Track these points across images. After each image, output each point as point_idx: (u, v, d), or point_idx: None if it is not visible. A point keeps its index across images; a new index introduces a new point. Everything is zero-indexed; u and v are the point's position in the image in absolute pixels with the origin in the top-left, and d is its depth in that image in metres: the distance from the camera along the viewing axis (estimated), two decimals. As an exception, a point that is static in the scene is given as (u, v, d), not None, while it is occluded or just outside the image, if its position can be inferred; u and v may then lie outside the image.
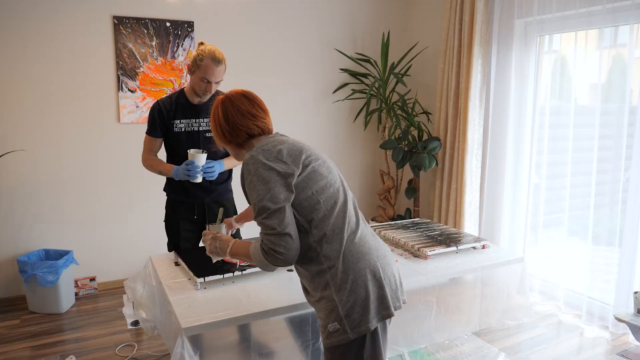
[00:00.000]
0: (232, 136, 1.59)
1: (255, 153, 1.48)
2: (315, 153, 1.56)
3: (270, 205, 1.41)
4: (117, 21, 3.52)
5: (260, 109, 1.61)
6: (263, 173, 1.44)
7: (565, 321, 3.25)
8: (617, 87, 3.05)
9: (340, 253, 1.47)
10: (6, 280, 3.49)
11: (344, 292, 1.45)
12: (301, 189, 1.47)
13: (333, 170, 1.58)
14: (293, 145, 1.53)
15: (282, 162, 1.46)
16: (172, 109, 2.39)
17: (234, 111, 1.57)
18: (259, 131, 1.59)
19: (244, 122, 1.57)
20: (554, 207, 3.54)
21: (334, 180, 1.55)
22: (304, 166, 1.49)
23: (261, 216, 1.43)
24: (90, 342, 2.95)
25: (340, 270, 1.46)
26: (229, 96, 1.61)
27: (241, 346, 1.98)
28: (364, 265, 1.48)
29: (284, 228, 1.41)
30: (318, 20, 4.25)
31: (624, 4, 2.90)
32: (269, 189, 1.42)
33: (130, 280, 2.24)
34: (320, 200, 1.48)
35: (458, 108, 3.86)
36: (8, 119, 3.35)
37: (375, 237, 1.59)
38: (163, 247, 3.87)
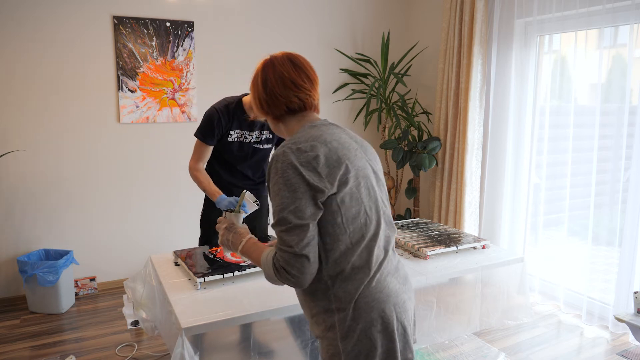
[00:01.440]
0: (269, 107, 1.37)
1: (289, 150, 1.25)
2: (358, 163, 1.30)
3: (293, 218, 1.21)
4: (117, 21, 3.52)
5: (306, 78, 1.37)
6: (292, 178, 1.21)
7: (565, 321, 3.25)
8: (617, 87, 3.05)
9: (353, 298, 1.27)
10: (6, 280, 3.49)
11: (349, 341, 1.27)
12: (329, 211, 1.25)
13: (374, 188, 1.33)
14: (335, 150, 1.27)
15: (316, 172, 1.22)
16: (229, 120, 2.38)
17: (275, 78, 1.34)
18: (300, 105, 1.36)
19: (284, 92, 1.34)
20: (554, 207, 3.54)
21: (370, 205, 1.30)
22: (340, 184, 1.24)
23: (280, 227, 1.23)
24: (90, 342, 2.95)
25: (349, 316, 1.27)
26: (273, 59, 1.37)
27: (241, 346, 1.98)
28: (378, 314, 1.27)
29: (302, 248, 1.21)
30: (318, 20, 4.25)
31: (624, 4, 2.90)
32: (295, 199, 1.21)
33: (130, 280, 2.25)
34: (347, 231, 1.26)
35: (458, 108, 3.86)
36: (8, 119, 3.36)
37: (397, 274, 1.37)
38: (163, 247, 3.89)
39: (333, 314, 1.29)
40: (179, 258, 2.17)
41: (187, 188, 3.88)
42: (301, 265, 1.22)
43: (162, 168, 3.83)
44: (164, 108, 3.75)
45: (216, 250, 2.26)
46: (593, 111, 3.15)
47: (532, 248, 3.71)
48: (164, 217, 3.89)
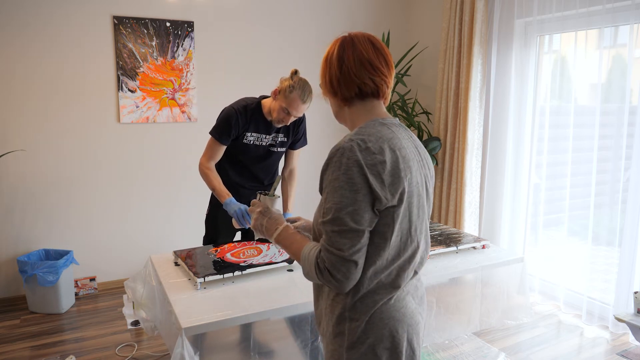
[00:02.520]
0: (340, 86, 1.27)
1: (356, 146, 1.16)
2: (418, 181, 1.24)
3: (349, 221, 1.13)
4: (117, 21, 3.52)
5: (385, 62, 1.27)
6: (355, 177, 1.13)
7: (565, 321, 3.25)
8: (617, 87, 3.05)
9: (370, 312, 1.22)
10: (6, 280, 3.49)
11: (355, 353, 1.23)
12: (382, 223, 1.18)
13: (424, 209, 1.28)
14: (402, 159, 1.19)
15: (380, 178, 1.14)
16: (247, 122, 2.38)
17: (353, 57, 1.25)
18: (373, 90, 1.27)
19: (360, 72, 1.25)
20: (554, 207, 3.55)
21: (417, 227, 1.24)
22: (400, 198, 1.17)
23: (333, 227, 1.15)
24: (90, 342, 2.95)
25: (361, 329, 1.22)
26: (352, 37, 1.28)
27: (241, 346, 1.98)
28: (389, 332, 1.23)
29: (352, 254, 1.14)
30: (318, 21, 4.25)
31: (624, 4, 2.90)
32: (355, 201, 1.13)
33: (130, 280, 2.25)
34: (389, 247, 1.19)
35: (458, 108, 3.86)
36: (8, 119, 3.35)
37: (416, 293, 1.32)
38: (163, 247, 3.89)
39: (345, 321, 1.24)
40: (179, 258, 2.17)
41: (188, 188, 3.88)
42: (347, 270, 1.15)
43: (162, 168, 3.83)
44: (164, 108, 3.75)
45: (216, 250, 2.26)
46: (593, 111, 3.15)
47: (532, 248, 3.71)
48: (164, 217, 3.88)
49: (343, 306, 1.24)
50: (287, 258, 2.14)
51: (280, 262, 2.10)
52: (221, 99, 3.83)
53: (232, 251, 2.23)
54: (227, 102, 2.46)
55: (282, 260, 2.11)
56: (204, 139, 2.55)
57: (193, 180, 3.81)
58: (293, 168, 2.63)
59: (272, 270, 2.10)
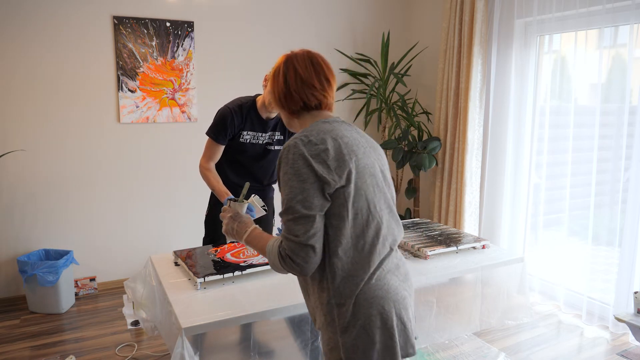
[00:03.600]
0: (287, 101, 1.43)
1: (300, 141, 1.30)
2: (365, 161, 1.35)
3: (301, 208, 1.25)
4: (117, 21, 3.52)
5: (324, 79, 1.43)
6: (301, 168, 1.26)
7: (565, 321, 3.25)
8: (617, 87, 3.05)
9: (353, 294, 1.30)
10: (6, 280, 3.49)
11: (349, 337, 1.31)
12: (336, 204, 1.29)
13: (379, 185, 1.37)
14: (345, 145, 1.32)
15: (325, 164, 1.27)
16: (243, 121, 2.38)
17: (295, 76, 1.40)
18: (316, 104, 1.42)
19: (302, 90, 1.40)
20: (554, 207, 3.54)
21: (376, 201, 1.34)
22: (348, 178, 1.29)
23: (287, 216, 1.27)
24: (90, 342, 2.95)
25: (349, 312, 1.30)
26: (295, 57, 1.43)
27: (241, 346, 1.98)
28: (376, 311, 1.30)
29: (308, 239, 1.25)
30: (318, 20, 4.25)
31: (624, 4, 2.90)
32: (303, 189, 1.25)
33: (130, 280, 2.24)
34: (351, 225, 1.30)
35: (458, 108, 3.86)
36: (8, 119, 3.36)
37: (397, 271, 1.39)
38: (163, 247, 3.89)
39: (333, 308, 1.32)
40: (179, 258, 2.17)
41: (188, 188, 3.88)
42: (306, 254, 1.26)
43: (162, 168, 3.83)
44: (164, 108, 3.75)
45: (216, 250, 2.26)
46: (593, 111, 3.15)
47: (532, 248, 3.71)
48: (164, 217, 3.88)
49: (328, 294, 1.32)
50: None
51: (280, 262, 2.09)
52: (221, 99, 3.82)
53: (232, 251, 2.23)
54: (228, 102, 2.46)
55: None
56: (204, 139, 2.55)
57: (193, 180, 3.81)
58: None
59: (272, 270, 2.09)
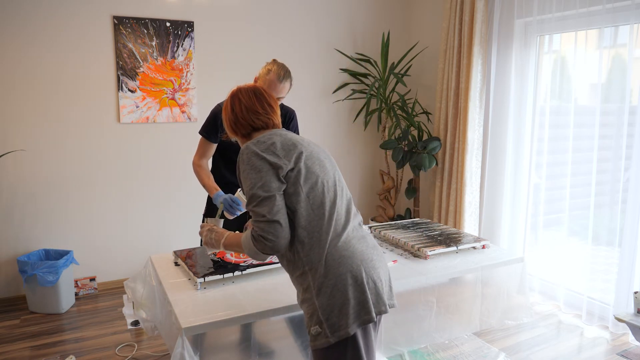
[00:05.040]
0: (237, 127, 1.67)
1: (251, 144, 1.54)
2: (311, 149, 1.59)
3: (261, 193, 1.46)
4: (117, 21, 3.52)
5: (267, 105, 1.67)
6: (256, 162, 1.49)
7: (565, 321, 3.25)
8: (617, 87, 3.05)
9: (322, 257, 1.48)
10: (6, 280, 3.49)
11: (324, 297, 1.46)
12: (291, 183, 1.50)
13: (327, 168, 1.60)
14: (288, 139, 1.57)
15: (275, 154, 1.50)
16: None
17: (240, 106, 1.65)
18: (262, 125, 1.65)
19: (248, 116, 1.64)
20: (554, 207, 3.54)
21: (326, 179, 1.56)
22: (296, 161, 1.52)
23: (252, 204, 1.47)
24: (90, 342, 2.95)
25: (321, 274, 1.47)
26: (240, 91, 1.69)
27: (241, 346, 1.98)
28: (346, 269, 1.47)
29: (273, 215, 1.44)
30: (318, 20, 4.25)
31: (624, 4, 2.90)
32: (261, 177, 1.47)
33: (130, 280, 2.25)
34: (308, 198, 1.50)
35: (458, 108, 3.86)
36: (8, 119, 3.35)
37: (363, 240, 1.57)
38: (163, 247, 3.89)
39: (307, 275, 1.50)
40: (179, 258, 2.17)
41: (188, 188, 3.88)
42: (275, 229, 1.44)
43: (162, 168, 3.83)
44: (164, 108, 3.75)
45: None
46: (593, 111, 3.15)
47: (532, 248, 3.70)
48: (164, 217, 3.88)
49: (302, 264, 1.50)
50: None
51: (280, 262, 2.09)
52: (221, 99, 3.82)
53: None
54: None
55: (282, 260, 2.11)
56: (204, 139, 2.55)
57: (193, 180, 3.78)
58: None
59: (272, 270, 2.10)
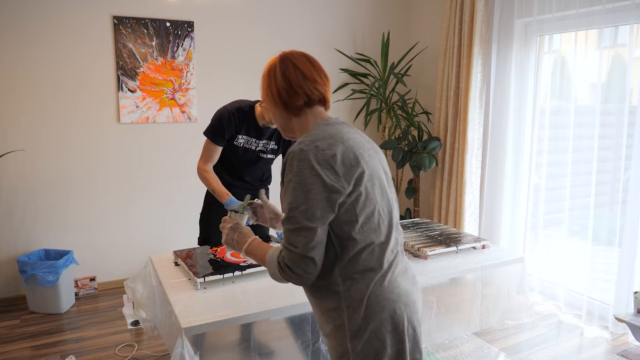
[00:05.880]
0: (289, 98, 1.35)
1: (306, 147, 1.24)
2: (373, 164, 1.31)
3: (302, 219, 1.21)
4: (117, 21, 3.52)
5: (323, 74, 1.40)
6: (307, 178, 1.21)
7: (565, 321, 3.25)
8: (617, 87, 3.05)
9: (365, 296, 1.26)
10: (6, 280, 3.49)
11: (359, 342, 1.27)
12: (344, 210, 1.24)
13: (384, 188, 1.34)
14: (352, 148, 1.27)
15: (333, 170, 1.22)
16: (240, 123, 2.37)
17: (295, 72, 1.35)
18: (319, 98, 1.37)
19: (305, 85, 1.35)
20: (554, 207, 3.54)
21: (382, 206, 1.31)
22: (356, 184, 1.24)
23: (288, 226, 1.24)
24: (90, 342, 2.95)
25: (360, 316, 1.26)
26: (289, 55, 1.39)
27: (241, 346, 1.98)
28: (388, 314, 1.27)
29: (307, 251, 1.21)
30: (318, 20, 4.25)
31: (624, 4, 2.90)
32: (307, 200, 1.21)
33: (130, 280, 2.25)
34: (362, 230, 1.26)
35: (458, 108, 3.86)
36: (8, 119, 3.35)
37: (406, 275, 1.36)
38: (163, 247, 3.89)
39: (343, 312, 1.28)
40: (179, 258, 2.17)
41: (187, 188, 3.88)
42: (306, 266, 1.23)
43: (162, 168, 3.83)
44: (164, 108, 3.75)
45: (216, 250, 2.26)
46: (593, 111, 3.15)
47: (532, 248, 3.70)
48: (164, 217, 3.88)
49: (338, 299, 1.28)
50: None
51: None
52: (221, 99, 3.82)
53: (232, 251, 2.23)
54: (227, 102, 2.46)
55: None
56: (204, 139, 2.55)
57: (193, 180, 3.80)
58: None
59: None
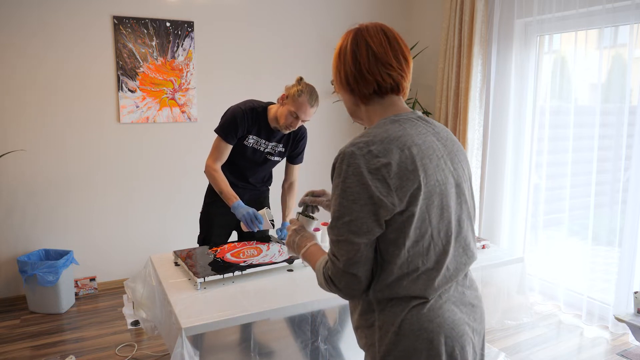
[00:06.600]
0: (357, 84, 1.18)
1: (358, 151, 1.07)
2: (439, 178, 1.11)
3: (345, 232, 1.07)
4: (117, 21, 3.52)
5: (402, 56, 1.17)
6: (354, 186, 1.06)
7: (565, 321, 3.25)
8: (617, 87, 3.05)
9: (399, 320, 1.12)
10: (6, 280, 3.49)
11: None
12: (393, 229, 1.08)
13: (449, 210, 1.13)
14: (412, 157, 1.08)
15: (385, 182, 1.05)
16: (252, 124, 2.36)
17: (368, 54, 1.15)
18: (391, 86, 1.17)
19: (376, 69, 1.15)
20: (554, 207, 3.54)
21: (440, 230, 1.12)
22: (410, 202, 1.06)
23: (332, 235, 1.11)
24: (90, 342, 2.95)
25: (391, 340, 1.12)
26: (366, 30, 1.17)
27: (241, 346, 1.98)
28: (424, 344, 1.10)
29: (349, 267, 1.08)
30: (318, 20, 4.25)
31: (624, 4, 2.90)
32: (352, 211, 1.06)
33: (130, 280, 2.25)
34: (407, 254, 1.09)
35: (458, 108, 3.86)
36: (8, 119, 3.35)
37: (459, 304, 1.17)
38: (163, 247, 3.89)
39: (375, 331, 1.16)
40: (179, 258, 2.17)
41: (187, 188, 3.88)
42: (348, 281, 1.10)
43: (162, 168, 3.83)
44: (164, 108, 3.75)
45: (216, 250, 2.26)
46: (593, 111, 3.15)
47: (532, 248, 3.70)
48: (164, 217, 3.88)
49: (373, 317, 1.16)
50: (287, 258, 2.14)
51: (280, 262, 2.10)
52: (221, 99, 3.83)
53: (232, 251, 2.23)
54: (227, 102, 2.46)
55: (282, 260, 2.11)
56: (204, 139, 2.55)
57: (193, 180, 3.81)
58: (293, 181, 2.64)
59: (272, 270, 2.10)
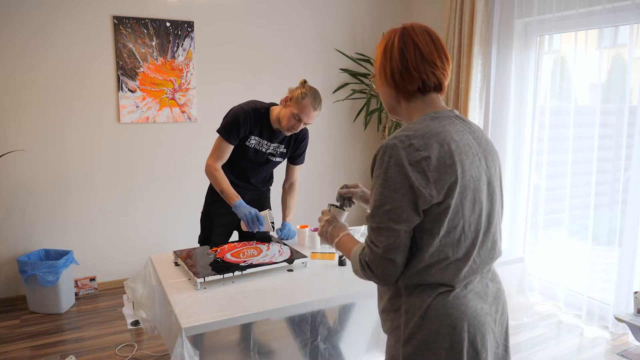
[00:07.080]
0: (402, 80, 1.23)
1: (400, 143, 1.13)
2: (473, 174, 1.18)
3: (386, 220, 1.14)
4: (117, 21, 3.52)
5: (444, 56, 1.24)
6: (395, 177, 1.12)
7: (565, 321, 3.25)
8: (617, 87, 3.05)
9: (425, 305, 1.18)
10: (6, 280, 3.49)
11: (410, 348, 1.19)
12: (428, 219, 1.15)
13: (481, 204, 1.21)
14: (451, 152, 1.15)
15: (424, 175, 1.11)
16: (255, 125, 2.36)
17: (415, 52, 1.21)
18: (434, 85, 1.24)
19: (422, 67, 1.21)
20: (554, 207, 3.54)
21: (472, 222, 1.19)
22: (447, 194, 1.13)
23: (372, 223, 1.17)
24: (90, 342, 2.95)
25: (416, 323, 1.18)
26: (410, 31, 1.23)
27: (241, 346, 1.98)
28: (447, 331, 1.16)
29: (388, 252, 1.14)
30: (318, 20, 4.25)
31: (624, 4, 2.90)
32: (393, 200, 1.12)
33: (130, 280, 2.25)
34: (440, 243, 1.16)
35: (458, 108, 3.86)
36: (8, 119, 3.36)
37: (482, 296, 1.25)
38: (163, 247, 3.89)
39: (401, 315, 1.22)
40: (179, 258, 2.17)
41: (187, 188, 3.88)
42: (385, 267, 1.16)
43: (162, 168, 3.83)
44: (164, 108, 3.75)
45: (216, 250, 2.26)
46: (593, 111, 3.15)
47: (532, 248, 3.70)
48: (164, 217, 3.89)
49: (400, 301, 1.22)
50: (287, 258, 2.14)
51: (280, 262, 2.10)
52: (221, 99, 3.83)
53: (232, 251, 2.23)
54: (227, 102, 2.46)
55: (282, 260, 2.11)
56: (204, 139, 2.55)
57: (193, 180, 3.81)
58: (294, 181, 2.65)
59: (272, 270, 2.10)
